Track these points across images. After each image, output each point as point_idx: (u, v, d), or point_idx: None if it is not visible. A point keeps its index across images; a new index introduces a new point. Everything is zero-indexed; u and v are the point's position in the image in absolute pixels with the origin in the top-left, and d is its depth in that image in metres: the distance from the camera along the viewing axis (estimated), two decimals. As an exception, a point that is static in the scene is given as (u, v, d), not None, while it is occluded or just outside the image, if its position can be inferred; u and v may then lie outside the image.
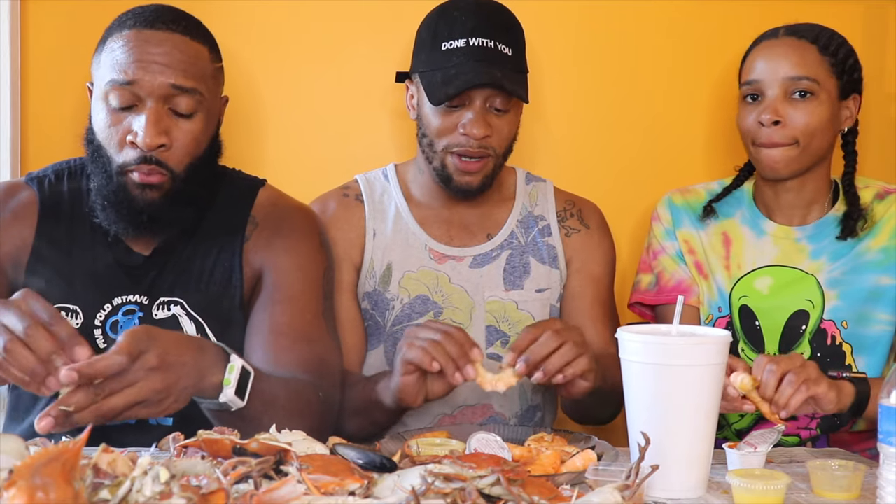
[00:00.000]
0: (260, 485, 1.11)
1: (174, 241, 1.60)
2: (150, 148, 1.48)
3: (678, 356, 1.26)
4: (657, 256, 1.91)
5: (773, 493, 1.19)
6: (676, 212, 1.91)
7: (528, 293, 1.86)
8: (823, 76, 1.76)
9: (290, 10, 2.14)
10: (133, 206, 1.51)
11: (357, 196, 1.90)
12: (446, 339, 1.48)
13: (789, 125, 1.74)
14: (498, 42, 1.76)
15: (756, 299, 1.81)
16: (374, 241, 1.86)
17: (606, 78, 2.20)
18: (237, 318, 1.60)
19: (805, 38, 1.77)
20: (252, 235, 1.63)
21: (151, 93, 1.49)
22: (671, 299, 1.87)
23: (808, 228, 1.82)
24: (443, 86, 1.72)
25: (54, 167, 1.66)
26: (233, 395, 1.32)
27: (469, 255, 1.86)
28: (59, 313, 1.23)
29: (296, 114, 2.16)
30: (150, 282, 1.59)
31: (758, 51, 1.81)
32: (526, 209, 1.92)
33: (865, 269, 1.78)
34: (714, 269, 1.85)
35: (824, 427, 1.78)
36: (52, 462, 0.97)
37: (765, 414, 1.45)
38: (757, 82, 1.77)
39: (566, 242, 1.91)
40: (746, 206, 1.88)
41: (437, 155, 1.79)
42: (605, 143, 2.21)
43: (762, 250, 1.83)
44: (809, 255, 1.81)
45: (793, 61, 1.75)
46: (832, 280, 1.79)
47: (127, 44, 1.51)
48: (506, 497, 1.10)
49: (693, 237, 1.88)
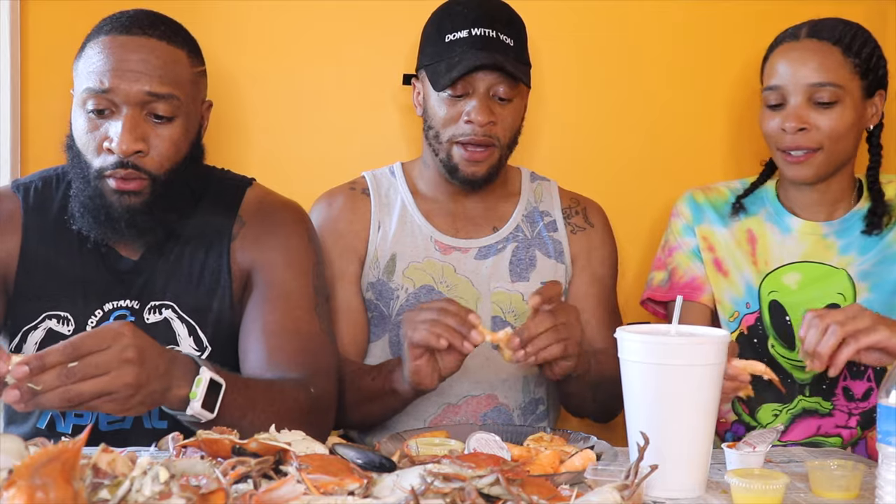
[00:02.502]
0: (259, 485, 1.12)
1: (163, 245, 1.60)
2: (125, 154, 1.48)
3: (678, 356, 1.26)
4: (672, 253, 1.90)
5: (772, 493, 1.19)
6: (697, 209, 1.90)
7: (534, 285, 1.87)
8: (847, 79, 1.73)
9: (290, 11, 2.14)
10: (110, 212, 1.51)
11: (364, 190, 1.93)
12: (444, 314, 1.54)
13: (814, 131, 1.72)
14: (500, 32, 1.80)
15: (786, 294, 1.80)
16: (379, 233, 1.88)
17: (609, 78, 2.20)
18: (228, 318, 1.60)
19: (827, 41, 1.74)
20: (239, 234, 1.63)
21: (127, 100, 1.48)
22: (684, 296, 1.86)
23: (835, 224, 1.81)
24: (446, 72, 1.77)
25: (41, 174, 1.66)
26: (199, 409, 1.30)
27: (474, 247, 1.88)
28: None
29: (294, 114, 2.16)
30: (140, 286, 1.59)
31: (779, 53, 1.78)
32: (531, 204, 1.95)
33: (893, 260, 1.77)
34: (741, 266, 1.84)
35: (864, 423, 1.76)
36: (51, 462, 0.97)
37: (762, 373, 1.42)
38: (780, 87, 1.75)
39: (572, 239, 1.93)
40: (770, 203, 1.86)
41: (443, 146, 1.81)
42: (608, 143, 2.21)
43: (788, 247, 1.82)
44: (839, 250, 1.80)
45: (815, 66, 1.72)
46: (863, 273, 1.78)
47: (103, 50, 1.50)
48: (505, 497, 1.10)
49: (714, 234, 1.87)
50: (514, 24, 1.84)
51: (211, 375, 1.31)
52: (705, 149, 2.21)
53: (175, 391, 1.28)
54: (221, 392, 1.33)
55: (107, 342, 1.20)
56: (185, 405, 1.30)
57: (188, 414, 1.31)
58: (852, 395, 1.76)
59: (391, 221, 1.89)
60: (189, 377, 1.30)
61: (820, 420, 1.78)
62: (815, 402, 1.78)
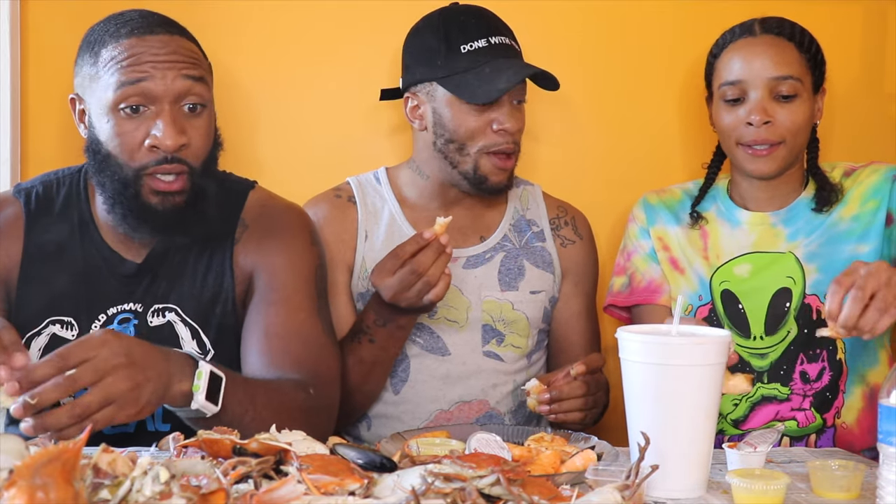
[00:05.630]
0: (260, 485, 1.12)
1: (166, 248, 1.60)
2: (173, 150, 1.49)
3: (678, 356, 1.26)
4: (630, 258, 1.93)
5: (773, 493, 1.19)
6: (651, 210, 1.93)
7: (523, 294, 1.89)
8: (803, 73, 1.77)
9: (287, 13, 2.14)
10: (153, 211, 1.51)
11: (350, 198, 1.92)
12: (417, 264, 1.63)
13: (778, 124, 1.75)
14: (511, 39, 1.84)
15: (737, 283, 1.82)
16: (366, 244, 1.88)
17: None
18: (231, 322, 1.60)
19: (783, 36, 1.77)
20: (242, 238, 1.63)
21: (167, 92, 1.49)
22: (642, 299, 1.89)
23: (782, 213, 1.83)
24: (483, 84, 1.76)
25: (42, 178, 1.66)
26: (204, 401, 1.31)
27: (462, 256, 1.89)
28: None
29: (293, 114, 2.16)
30: (143, 289, 1.59)
31: (735, 49, 1.79)
32: (518, 213, 1.95)
33: (840, 239, 1.78)
34: (692, 260, 1.86)
35: (817, 405, 1.76)
36: (52, 462, 0.97)
37: None
38: (740, 82, 1.76)
39: (562, 252, 1.95)
40: (721, 199, 1.89)
41: (470, 157, 1.81)
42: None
43: (739, 240, 1.84)
44: (787, 237, 1.81)
45: (776, 60, 1.75)
46: (810, 254, 1.79)
47: (130, 49, 1.50)
48: (506, 497, 1.10)
49: (668, 234, 1.90)
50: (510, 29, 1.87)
51: (211, 368, 1.33)
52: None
53: (177, 386, 1.29)
54: (223, 384, 1.34)
55: (94, 350, 1.21)
56: (187, 400, 1.31)
57: (193, 408, 1.31)
58: (808, 377, 1.77)
59: (379, 231, 1.89)
60: (188, 371, 1.31)
61: (778, 405, 1.79)
62: (774, 388, 1.78)
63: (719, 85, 1.80)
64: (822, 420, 1.77)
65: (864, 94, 2.22)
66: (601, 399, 1.72)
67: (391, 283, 1.65)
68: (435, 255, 1.63)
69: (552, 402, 1.65)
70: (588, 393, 1.67)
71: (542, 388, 1.66)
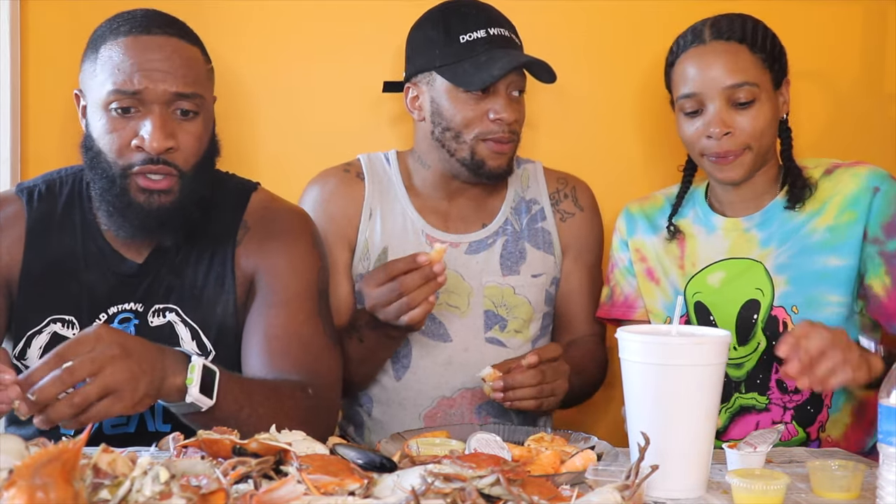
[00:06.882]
0: (260, 485, 1.11)
1: (167, 248, 1.60)
2: (158, 152, 1.48)
3: (678, 356, 1.26)
4: (613, 270, 1.93)
5: (773, 493, 1.19)
6: (631, 221, 1.92)
7: (525, 278, 1.90)
8: (759, 75, 1.72)
9: (288, 10, 2.14)
10: (139, 210, 1.51)
11: (358, 174, 1.94)
12: (403, 285, 1.63)
13: (739, 132, 1.71)
14: (511, 32, 1.86)
15: (708, 294, 1.80)
16: (370, 222, 1.89)
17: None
18: (232, 323, 1.60)
19: (734, 40, 1.72)
20: (243, 240, 1.63)
21: (156, 99, 1.49)
22: (620, 314, 1.89)
23: (756, 217, 1.79)
24: (478, 72, 1.78)
25: (45, 177, 1.65)
26: (198, 394, 1.32)
27: (465, 242, 1.90)
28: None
29: (293, 113, 2.16)
30: (144, 289, 1.59)
31: (687, 59, 1.75)
32: (518, 195, 1.96)
33: (813, 250, 1.74)
34: (668, 271, 1.85)
35: (798, 418, 1.74)
36: (52, 462, 0.97)
37: None
38: (696, 94, 1.72)
39: (561, 227, 1.96)
40: (700, 204, 1.86)
41: (466, 145, 1.82)
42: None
43: (714, 246, 1.81)
44: (759, 243, 1.78)
45: (728, 68, 1.70)
46: (780, 265, 1.75)
47: (126, 51, 1.50)
48: (506, 497, 1.10)
49: (645, 244, 1.89)
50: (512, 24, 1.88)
51: (203, 362, 1.34)
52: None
53: (171, 380, 1.31)
54: (217, 377, 1.35)
55: (90, 345, 1.23)
56: (182, 395, 1.32)
57: (188, 402, 1.32)
58: (785, 387, 1.74)
59: (383, 212, 1.90)
60: (181, 366, 1.32)
61: (758, 416, 1.76)
62: (751, 397, 1.77)
63: (677, 97, 1.77)
64: (806, 434, 1.74)
65: (864, 94, 2.22)
66: (560, 386, 1.70)
67: (374, 294, 1.66)
68: (422, 280, 1.63)
69: (505, 390, 1.66)
70: (543, 381, 1.67)
71: (497, 376, 1.67)
